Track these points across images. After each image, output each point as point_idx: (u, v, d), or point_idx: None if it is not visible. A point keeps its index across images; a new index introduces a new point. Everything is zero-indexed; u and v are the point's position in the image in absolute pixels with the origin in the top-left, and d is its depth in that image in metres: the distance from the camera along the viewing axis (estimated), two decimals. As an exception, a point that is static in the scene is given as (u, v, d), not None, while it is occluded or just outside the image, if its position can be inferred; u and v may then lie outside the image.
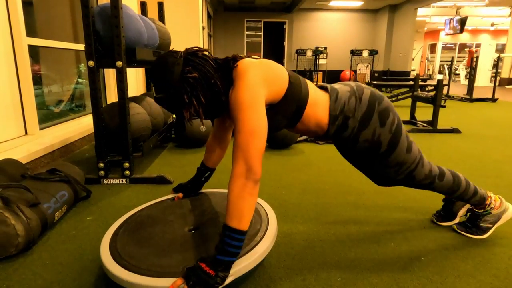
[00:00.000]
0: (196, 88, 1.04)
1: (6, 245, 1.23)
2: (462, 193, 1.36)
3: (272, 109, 1.11)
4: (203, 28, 7.42)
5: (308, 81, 1.22)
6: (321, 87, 1.25)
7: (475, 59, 7.12)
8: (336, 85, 1.25)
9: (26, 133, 2.40)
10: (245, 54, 1.33)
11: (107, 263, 1.02)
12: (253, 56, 1.15)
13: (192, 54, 1.06)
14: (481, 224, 1.40)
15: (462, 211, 1.51)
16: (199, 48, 1.10)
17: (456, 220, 1.51)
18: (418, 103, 5.87)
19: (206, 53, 1.10)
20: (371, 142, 1.19)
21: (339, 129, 1.20)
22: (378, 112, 1.18)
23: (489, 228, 1.40)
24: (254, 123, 0.97)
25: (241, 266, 0.97)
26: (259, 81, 1.03)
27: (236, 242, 0.93)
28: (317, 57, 11.88)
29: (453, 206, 1.52)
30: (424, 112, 5.17)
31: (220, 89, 1.07)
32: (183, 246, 1.09)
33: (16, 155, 2.00)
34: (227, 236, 0.93)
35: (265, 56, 12.23)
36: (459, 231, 1.45)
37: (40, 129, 2.52)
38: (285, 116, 1.14)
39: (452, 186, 1.34)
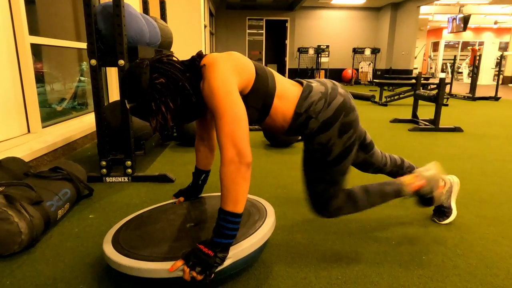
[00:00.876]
0: (164, 94, 1.04)
1: (10, 243, 1.24)
2: (381, 201, 1.34)
3: (243, 101, 1.09)
4: (205, 27, 7.42)
5: (277, 74, 1.21)
6: (297, 81, 1.25)
7: (478, 57, 7.09)
8: (314, 82, 1.24)
9: (29, 131, 2.41)
10: (246, 52, 1.32)
11: (109, 253, 1.04)
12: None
13: (158, 61, 1.06)
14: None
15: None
16: (165, 54, 1.11)
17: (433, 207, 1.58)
18: (420, 102, 5.86)
19: (172, 58, 1.10)
20: (323, 147, 1.19)
21: (300, 127, 1.19)
22: (341, 122, 1.18)
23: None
24: (233, 108, 0.98)
25: (240, 249, 1.00)
26: (229, 70, 1.03)
27: (232, 224, 0.96)
28: (319, 55, 11.85)
29: (424, 200, 1.49)
30: (426, 111, 5.16)
31: (189, 90, 1.06)
32: (183, 237, 1.12)
33: (19, 153, 2.01)
34: (223, 220, 0.96)
35: (267, 54, 12.23)
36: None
37: (43, 127, 2.53)
38: (255, 108, 1.14)
39: (362, 205, 1.31)
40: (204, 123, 1.34)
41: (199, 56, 1.10)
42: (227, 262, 0.97)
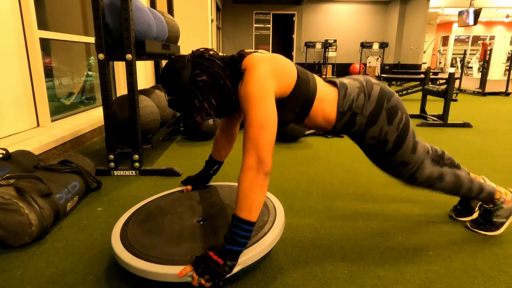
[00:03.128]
0: (206, 91, 1.05)
1: (21, 234, 1.26)
2: (465, 193, 1.34)
3: (280, 104, 1.11)
4: (212, 21, 7.40)
5: (316, 76, 1.21)
6: (329, 82, 1.24)
7: (488, 52, 6.97)
8: (345, 80, 1.23)
9: (38, 125, 2.44)
10: (253, 46, 1.32)
11: (118, 251, 1.05)
12: (260, 51, 1.15)
13: (199, 57, 1.07)
14: (494, 220, 1.38)
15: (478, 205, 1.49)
16: (205, 48, 1.11)
17: (475, 215, 1.48)
18: (429, 97, 5.79)
19: (212, 53, 1.10)
20: (378, 140, 1.19)
21: (346, 125, 1.20)
22: (387, 110, 1.17)
23: (503, 223, 1.39)
24: (264, 115, 0.97)
25: (249, 256, 0.99)
26: (268, 74, 1.02)
27: (244, 232, 0.95)
28: (327, 50, 11.75)
29: (470, 200, 1.49)
30: (434, 106, 5.10)
31: (230, 89, 1.07)
32: (192, 236, 1.12)
33: (29, 146, 2.04)
34: (236, 227, 0.95)
35: (273, 49, 12.15)
36: (472, 229, 1.42)
37: (52, 121, 2.56)
38: (293, 111, 1.14)
39: (454, 188, 1.32)
40: (231, 118, 1.35)
41: (241, 55, 1.10)
42: (236, 269, 0.96)
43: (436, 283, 1.09)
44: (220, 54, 1.14)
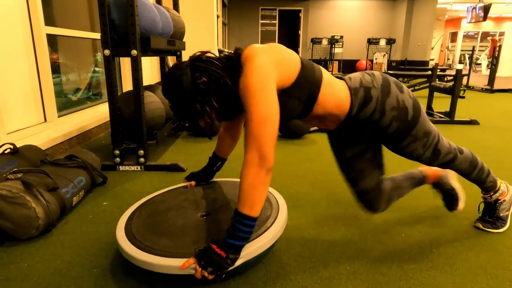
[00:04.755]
0: (208, 94, 1.03)
1: (28, 227, 1.29)
2: (479, 170, 1.33)
3: (285, 93, 1.06)
4: (218, 17, 7.39)
5: (322, 68, 1.18)
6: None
7: (498, 48, 6.87)
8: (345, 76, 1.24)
9: (45, 120, 2.47)
10: (259, 42, 1.30)
11: (123, 244, 1.06)
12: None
13: (197, 60, 1.05)
14: (501, 214, 1.39)
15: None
16: (202, 51, 1.08)
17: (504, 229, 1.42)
18: (436, 94, 5.72)
19: (209, 54, 1.08)
20: (398, 109, 1.13)
21: (363, 103, 1.12)
22: (394, 82, 1.17)
23: (507, 216, 1.41)
24: (265, 109, 0.95)
25: (251, 249, 1.00)
26: (268, 63, 0.99)
27: (246, 228, 0.96)
28: (333, 46, 11.67)
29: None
30: (442, 103, 5.05)
31: (231, 87, 1.04)
32: (195, 230, 1.13)
33: (36, 141, 2.07)
34: (238, 222, 0.95)
35: (279, 45, 12.08)
36: (484, 229, 1.40)
37: (59, 116, 2.59)
38: (300, 99, 1.08)
39: (472, 161, 1.31)
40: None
41: (237, 51, 1.08)
42: (238, 262, 0.97)
43: (439, 280, 1.09)
44: (227, 51, 1.12)
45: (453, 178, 1.49)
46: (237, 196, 0.97)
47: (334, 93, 1.12)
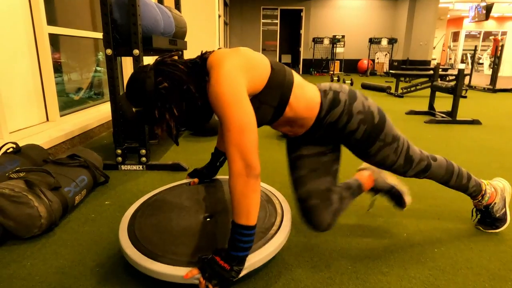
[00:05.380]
0: (168, 100, 0.98)
1: (30, 226, 1.29)
2: (458, 176, 1.29)
3: (255, 100, 1.03)
4: (219, 16, 7.39)
5: (294, 71, 1.17)
6: None
7: (500, 48, 6.84)
8: None
9: (47, 119, 2.48)
10: (261, 42, 1.28)
11: (126, 247, 1.06)
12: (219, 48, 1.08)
13: (161, 63, 1.01)
14: (498, 215, 1.37)
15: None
16: (168, 54, 1.05)
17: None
18: (438, 94, 5.71)
19: (175, 57, 1.04)
20: (365, 113, 1.13)
21: (332, 104, 1.12)
22: (359, 92, 1.19)
23: (505, 213, 1.38)
24: (242, 118, 0.91)
25: (256, 260, 0.99)
26: (237, 69, 0.95)
27: (246, 237, 0.94)
28: (335, 45, 11.66)
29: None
30: (444, 103, 5.04)
31: (194, 93, 1.00)
32: (198, 234, 1.12)
33: (39, 140, 2.07)
34: (237, 233, 0.94)
35: (281, 45, 12.11)
36: (486, 230, 1.40)
37: (61, 116, 2.60)
38: (271, 105, 1.05)
39: (448, 167, 1.28)
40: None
41: (203, 55, 1.03)
42: (243, 273, 0.96)
43: (441, 280, 1.09)
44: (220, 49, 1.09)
45: (388, 177, 1.44)
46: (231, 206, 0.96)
47: (305, 94, 1.11)
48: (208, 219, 1.21)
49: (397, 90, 6.18)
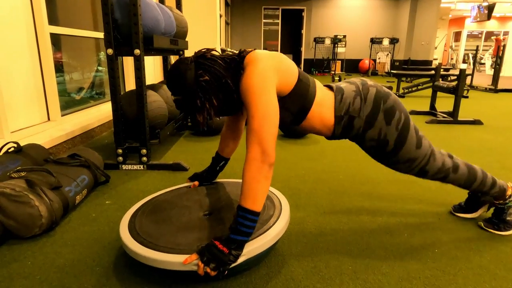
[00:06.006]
0: (209, 91, 1.07)
1: (31, 225, 1.29)
2: (479, 185, 1.34)
3: (278, 102, 1.10)
4: (221, 16, 7.38)
5: (316, 81, 1.22)
6: (327, 86, 1.25)
7: (502, 48, 6.82)
8: (342, 84, 1.24)
9: (48, 119, 2.49)
10: (262, 42, 1.31)
11: (126, 240, 1.07)
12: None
13: (201, 57, 1.09)
14: (508, 218, 1.38)
15: (483, 209, 1.48)
16: (207, 49, 1.13)
17: (476, 215, 1.49)
18: (440, 94, 5.70)
19: (214, 52, 1.12)
20: (378, 141, 1.20)
21: (345, 130, 1.21)
22: (384, 111, 1.18)
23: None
24: (266, 108, 0.99)
25: (254, 247, 1.01)
26: (270, 69, 1.04)
27: (249, 222, 0.97)
28: (336, 45, 11.65)
29: (477, 200, 1.48)
30: (445, 103, 5.03)
31: (231, 87, 1.09)
32: (198, 227, 1.14)
33: (40, 140, 2.08)
34: (241, 216, 0.97)
35: (282, 44, 12.09)
36: (486, 228, 1.40)
37: (62, 115, 2.60)
38: (291, 112, 1.15)
39: (469, 178, 1.32)
40: (236, 114, 1.36)
41: (241, 53, 1.12)
42: (240, 259, 0.97)
43: (441, 280, 1.09)
44: (229, 50, 1.15)
45: None
46: (239, 196, 0.98)
47: (322, 114, 1.18)
48: (207, 216, 1.22)
49: (399, 90, 6.17)
